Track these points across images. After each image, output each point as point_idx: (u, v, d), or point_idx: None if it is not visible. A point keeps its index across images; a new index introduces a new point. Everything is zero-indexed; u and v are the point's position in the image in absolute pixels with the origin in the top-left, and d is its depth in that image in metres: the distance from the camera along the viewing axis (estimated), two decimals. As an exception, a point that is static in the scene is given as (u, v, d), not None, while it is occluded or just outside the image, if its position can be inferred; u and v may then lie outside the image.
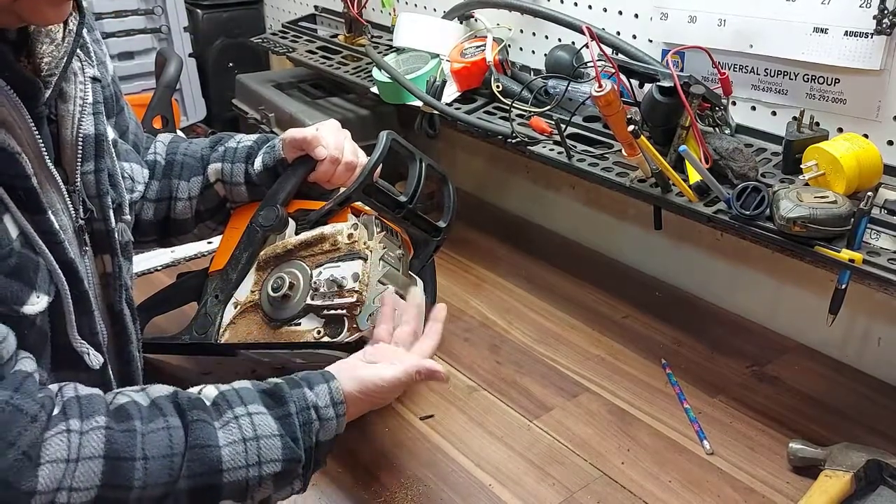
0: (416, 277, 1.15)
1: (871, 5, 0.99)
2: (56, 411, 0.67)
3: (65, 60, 0.77)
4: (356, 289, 0.98)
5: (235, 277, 1.07)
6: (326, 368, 0.85)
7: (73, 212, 0.81)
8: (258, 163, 1.10)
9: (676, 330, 1.32)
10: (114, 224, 0.88)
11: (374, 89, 1.56)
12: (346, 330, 0.99)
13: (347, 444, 1.06)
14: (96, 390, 0.73)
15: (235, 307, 1.06)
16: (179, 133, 1.92)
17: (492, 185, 1.85)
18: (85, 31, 0.83)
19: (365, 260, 1.00)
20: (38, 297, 0.71)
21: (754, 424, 1.10)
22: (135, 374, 0.93)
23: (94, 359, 0.81)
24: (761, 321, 1.34)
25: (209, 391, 0.78)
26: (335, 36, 1.91)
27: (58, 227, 0.75)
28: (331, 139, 1.08)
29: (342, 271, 1.00)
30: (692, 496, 0.97)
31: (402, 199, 1.12)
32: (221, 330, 1.05)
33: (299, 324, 1.01)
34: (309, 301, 1.00)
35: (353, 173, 1.09)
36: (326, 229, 1.04)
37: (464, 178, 1.90)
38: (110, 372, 0.87)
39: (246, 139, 1.15)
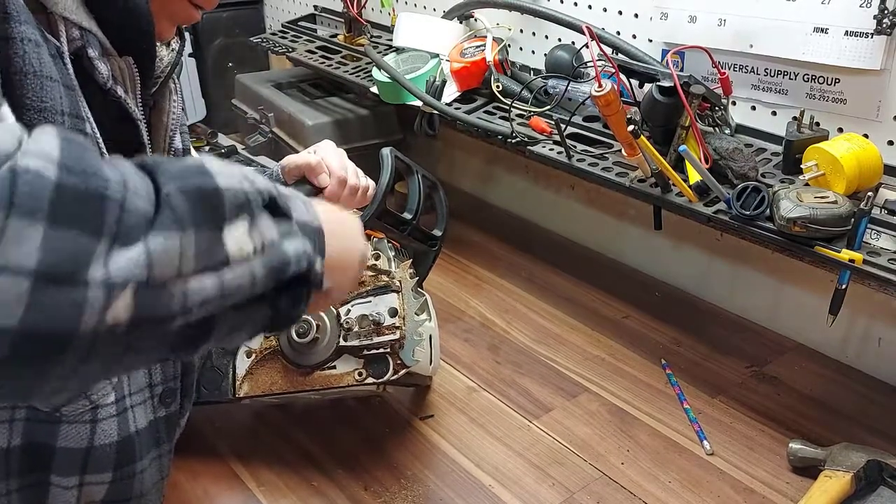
0: (425, 293, 1.15)
1: (871, 5, 0.99)
2: None
3: (168, 69, 0.81)
4: (396, 324, 0.96)
5: None
6: None
7: None
8: None
9: (676, 330, 1.32)
10: None
11: (374, 89, 1.56)
12: (391, 368, 0.97)
13: (348, 444, 1.06)
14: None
15: (249, 357, 1.01)
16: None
17: (492, 185, 1.85)
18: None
19: (398, 292, 0.98)
20: None
21: (754, 424, 1.10)
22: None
23: None
24: (761, 321, 1.34)
25: None
26: (335, 36, 1.91)
27: None
28: (334, 162, 1.05)
29: (376, 307, 0.97)
30: (692, 496, 0.97)
31: (408, 216, 1.11)
32: (238, 383, 1.01)
33: (334, 367, 0.98)
34: (342, 342, 0.97)
35: (357, 196, 1.07)
36: None
37: (464, 178, 1.90)
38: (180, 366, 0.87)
39: None
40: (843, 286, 1.01)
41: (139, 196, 0.49)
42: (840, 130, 1.09)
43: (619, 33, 1.34)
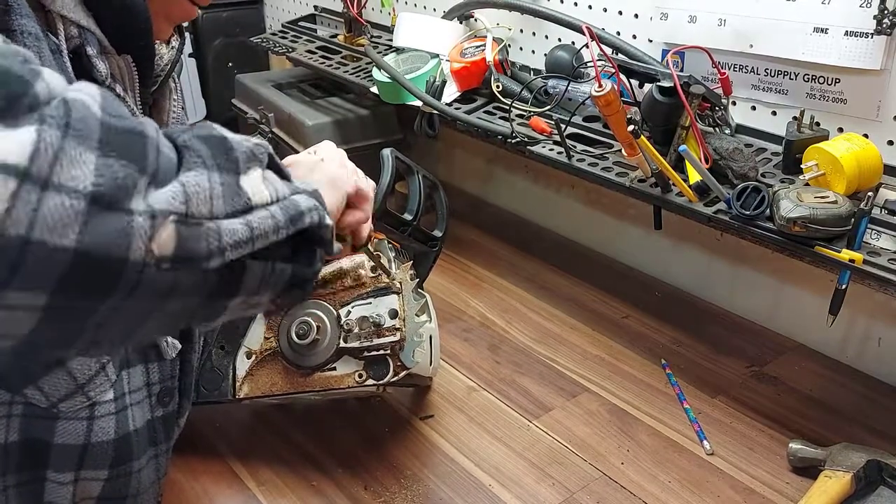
0: (425, 294, 1.15)
1: (871, 5, 0.99)
2: None
3: (168, 68, 0.81)
4: (396, 326, 0.96)
5: (242, 325, 1.02)
6: None
7: None
8: None
9: (676, 330, 1.32)
10: None
11: (374, 89, 1.56)
12: (391, 370, 0.97)
13: (348, 445, 1.06)
14: None
15: (249, 357, 1.01)
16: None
17: (492, 185, 1.85)
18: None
19: (398, 294, 0.98)
20: None
21: (754, 424, 1.10)
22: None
23: (172, 347, 0.82)
24: (761, 321, 1.34)
25: None
26: (335, 36, 1.91)
27: None
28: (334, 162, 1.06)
29: (376, 308, 0.97)
30: (692, 496, 0.97)
31: (408, 217, 1.11)
32: (238, 384, 1.01)
33: (334, 368, 0.98)
34: (343, 344, 0.97)
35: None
36: (345, 263, 1.00)
37: (464, 178, 1.90)
38: (178, 365, 0.88)
39: None
40: (843, 286, 1.01)
41: (165, 144, 0.52)
42: (840, 130, 1.09)
43: (619, 33, 1.34)
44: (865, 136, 1.04)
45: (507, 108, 1.36)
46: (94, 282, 0.46)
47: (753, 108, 1.20)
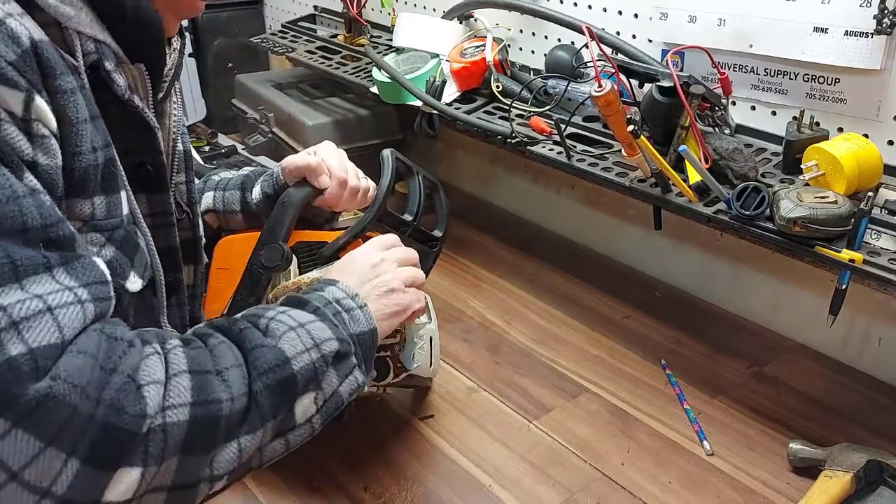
0: (426, 294, 1.14)
1: (871, 5, 0.99)
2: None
3: (173, 72, 0.81)
4: (396, 328, 0.96)
5: None
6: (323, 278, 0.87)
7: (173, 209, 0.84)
8: (257, 190, 1.07)
9: (676, 330, 1.32)
10: (201, 232, 0.90)
11: (374, 89, 1.56)
12: (391, 372, 0.97)
13: (348, 444, 1.06)
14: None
15: None
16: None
17: (492, 185, 1.85)
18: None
19: None
20: (134, 277, 0.73)
21: (754, 425, 1.10)
22: None
23: None
24: (761, 321, 1.34)
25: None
26: (335, 36, 1.91)
27: (174, 207, 0.80)
28: (334, 162, 1.05)
29: None
30: (692, 497, 0.97)
31: (408, 217, 1.11)
32: None
33: None
34: None
35: (357, 197, 1.07)
36: None
37: (464, 178, 1.90)
38: None
39: (240, 171, 1.13)
40: (843, 286, 1.01)
41: (239, 400, 0.66)
42: (840, 130, 1.09)
43: (618, 33, 1.34)
44: (865, 136, 1.04)
45: (507, 108, 1.36)
46: None
47: (753, 108, 1.20)
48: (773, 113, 1.18)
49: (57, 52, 0.63)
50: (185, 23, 0.87)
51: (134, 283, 0.73)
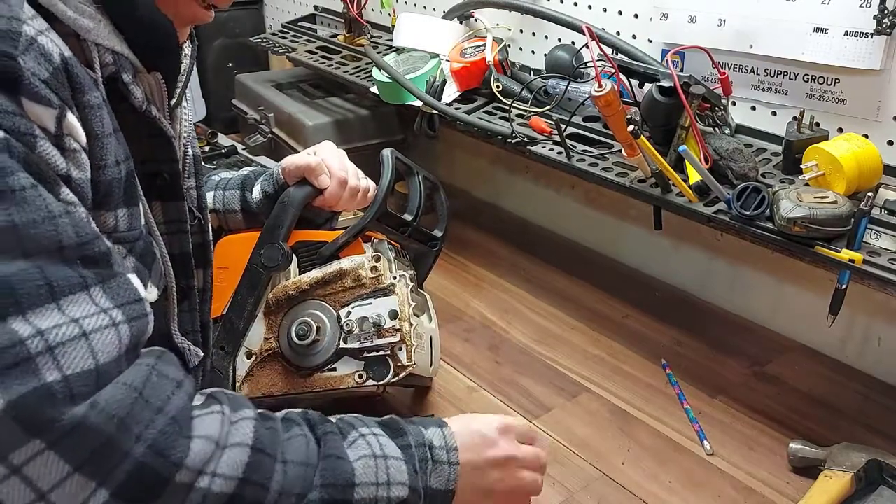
0: (425, 294, 1.14)
1: (871, 5, 0.99)
2: (202, 398, 0.67)
3: (185, 79, 0.81)
4: (396, 327, 0.96)
5: (242, 325, 1.00)
6: (438, 416, 0.84)
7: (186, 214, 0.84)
8: (257, 190, 1.07)
9: (676, 330, 1.32)
10: (211, 236, 0.90)
11: (374, 89, 1.56)
12: (391, 370, 0.97)
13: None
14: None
15: (249, 357, 1.00)
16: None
17: (492, 185, 1.85)
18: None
19: (398, 295, 0.98)
20: (151, 287, 0.73)
21: (754, 424, 1.10)
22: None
23: (194, 356, 0.82)
24: (761, 321, 1.34)
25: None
26: (335, 36, 1.91)
27: (188, 214, 0.81)
28: (334, 162, 1.05)
29: (376, 309, 0.98)
30: (692, 496, 0.97)
31: (408, 217, 1.11)
32: (238, 385, 1.00)
33: (334, 369, 0.98)
34: (343, 345, 0.97)
35: (357, 197, 1.07)
36: (345, 264, 1.00)
37: (464, 178, 1.90)
38: (201, 374, 0.88)
39: (240, 171, 1.13)
40: (843, 286, 1.01)
41: (287, 497, 0.64)
42: (840, 130, 1.09)
43: (619, 33, 1.34)
44: (865, 136, 1.04)
45: (507, 108, 1.36)
46: None
47: (753, 108, 1.20)
48: (774, 113, 1.18)
49: (82, 67, 0.64)
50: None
51: (151, 294, 0.73)
